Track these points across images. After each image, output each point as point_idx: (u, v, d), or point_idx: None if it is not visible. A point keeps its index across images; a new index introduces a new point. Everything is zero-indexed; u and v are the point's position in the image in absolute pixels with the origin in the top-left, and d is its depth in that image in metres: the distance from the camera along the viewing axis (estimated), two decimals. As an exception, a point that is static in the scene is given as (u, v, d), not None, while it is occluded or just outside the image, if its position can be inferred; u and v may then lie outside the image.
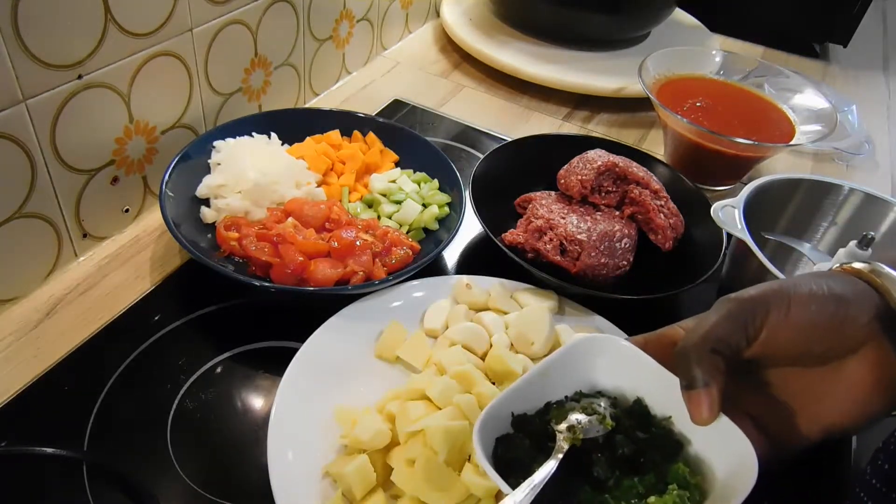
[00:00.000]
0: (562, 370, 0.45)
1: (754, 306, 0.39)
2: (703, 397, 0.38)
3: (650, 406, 0.44)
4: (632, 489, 0.40)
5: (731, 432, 0.39)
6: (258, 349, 0.62)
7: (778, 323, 0.39)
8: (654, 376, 0.42)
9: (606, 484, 0.40)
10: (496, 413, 0.43)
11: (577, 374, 0.45)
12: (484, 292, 0.65)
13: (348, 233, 0.66)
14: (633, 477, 0.40)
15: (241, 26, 0.77)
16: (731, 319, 0.39)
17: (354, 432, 0.50)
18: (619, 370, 0.45)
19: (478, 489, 0.47)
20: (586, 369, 0.45)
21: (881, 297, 0.39)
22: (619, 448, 0.41)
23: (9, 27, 0.53)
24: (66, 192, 0.64)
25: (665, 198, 0.73)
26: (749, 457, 0.38)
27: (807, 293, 0.39)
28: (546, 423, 0.43)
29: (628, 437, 0.42)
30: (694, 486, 0.39)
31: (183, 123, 0.74)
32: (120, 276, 0.67)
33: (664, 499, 0.38)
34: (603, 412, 0.42)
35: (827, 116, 0.84)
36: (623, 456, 0.41)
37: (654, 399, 0.43)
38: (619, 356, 0.44)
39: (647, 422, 0.43)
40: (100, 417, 0.55)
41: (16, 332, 0.61)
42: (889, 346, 0.39)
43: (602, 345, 0.45)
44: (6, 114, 0.55)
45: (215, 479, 0.52)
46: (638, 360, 0.43)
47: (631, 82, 0.99)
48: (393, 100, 0.98)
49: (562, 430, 0.42)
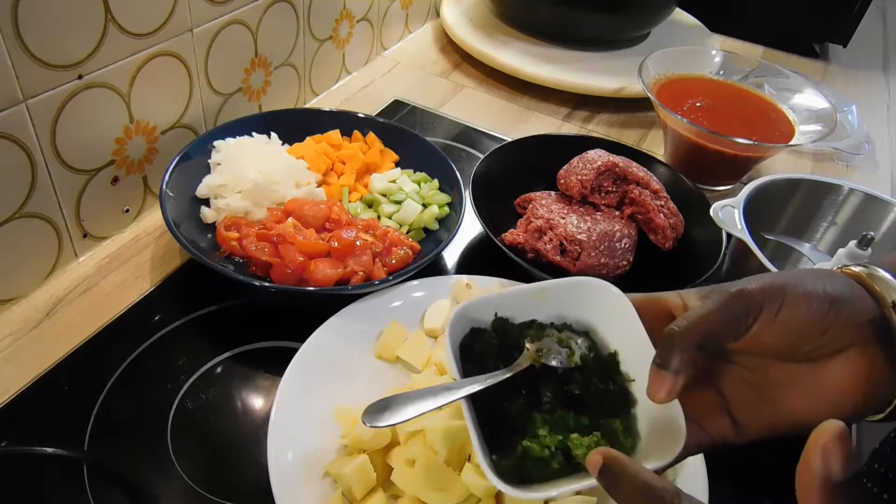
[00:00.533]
0: (559, 298, 0.46)
1: (750, 303, 0.39)
2: (667, 380, 0.39)
3: (622, 363, 0.45)
4: (562, 421, 0.41)
5: (675, 417, 0.40)
6: (258, 349, 0.62)
7: (769, 320, 0.39)
8: (636, 339, 0.43)
9: (541, 405, 0.42)
10: (481, 307, 0.44)
11: (572, 307, 0.46)
12: (484, 292, 0.65)
13: (348, 233, 0.66)
14: (569, 411, 0.42)
15: (241, 26, 0.77)
16: (725, 314, 0.39)
17: (354, 432, 0.50)
18: (610, 320, 0.46)
19: (478, 489, 0.47)
20: (582, 307, 0.46)
21: (875, 302, 0.39)
22: (571, 384, 0.43)
23: (9, 27, 0.53)
24: (67, 192, 0.64)
25: (665, 198, 0.73)
26: (677, 442, 0.39)
27: (802, 293, 0.39)
28: (521, 337, 0.44)
29: (585, 379, 0.43)
30: (621, 445, 0.41)
31: (183, 123, 0.74)
32: (120, 276, 0.67)
33: (583, 439, 0.40)
34: (574, 349, 0.44)
35: (827, 116, 0.85)
36: (570, 393, 0.43)
37: (627, 359, 0.44)
38: (615, 307, 0.45)
39: (610, 375, 0.44)
40: (100, 417, 0.55)
41: (16, 332, 0.61)
42: (876, 352, 0.39)
43: (603, 290, 0.46)
44: (6, 114, 0.55)
45: (215, 479, 0.52)
46: (629, 319, 0.44)
47: (631, 82, 0.99)
48: (393, 100, 0.98)
49: (530, 348, 0.43)
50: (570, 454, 0.39)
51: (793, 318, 0.39)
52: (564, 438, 0.40)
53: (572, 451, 0.39)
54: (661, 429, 0.41)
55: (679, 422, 0.39)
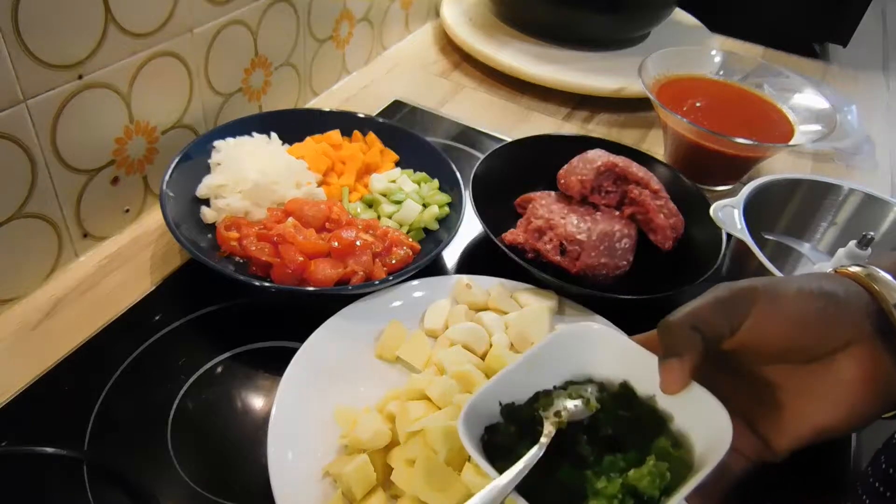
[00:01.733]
0: (549, 360, 0.45)
1: (742, 295, 0.40)
2: (674, 365, 0.40)
3: (635, 388, 0.44)
4: (613, 465, 0.40)
5: (709, 404, 0.40)
6: (258, 349, 0.62)
7: (763, 314, 0.40)
8: (638, 358, 0.43)
9: (587, 461, 0.41)
10: (483, 402, 0.43)
11: (565, 362, 0.46)
12: (484, 292, 0.65)
13: (348, 233, 0.66)
14: (615, 453, 0.41)
15: (241, 26, 0.77)
16: (718, 304, 0.40)
17: (354, 432, 0.50)
18: (605, 356, 0.45)
19: (478, 489, 0.47)
20: (574, 358, 0.46)
21: (874, 301, 0.39)
22: (601, 428, 0.42)
23: (9, 27, 0.53)
24: (67, 192, 0.64)
25: (665, 198, 0.73)
26: (724, 424, 0.39)
27: (796, 289, 0.40)
28: (534, 412, 0.43)
29: (611, 416, 0.43)
30: (676, 458, 0.40)
31: (183, 123, 0.74)
32: (120, 276, 0.67)
33: (641, 470, 0.39)
34: (587, 396, 0.43)
35: (827, 116, 0.84)
36: (606, 435, 0.42)
37: (639, 381, 0.44)
38: (604, 343, 0.45)
39: (631, 402, 0.44)
40: (100, 417, 0.55)
41: (16, 332, 0.61)
42: (881, 347, 0.39)
43: (587, 333, 0.46)
44: (6, 114, 0.55)
45: (215, 479, 0.52)
46: (622, 345, 0.44)
47: (631, 82, 0.99)
48: (393, 100, 0.98)
49: (548, 415, 0.42)
50: (636, 492, 0.39)
51: (789, 311, 0.39)
52: (624, 479, 0.39)
53: (638, 488, 0.38)
54: (706, 426, 0.40)
55: (716, 406, 0.39)
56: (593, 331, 0.45)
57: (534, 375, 0.45)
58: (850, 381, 0.40)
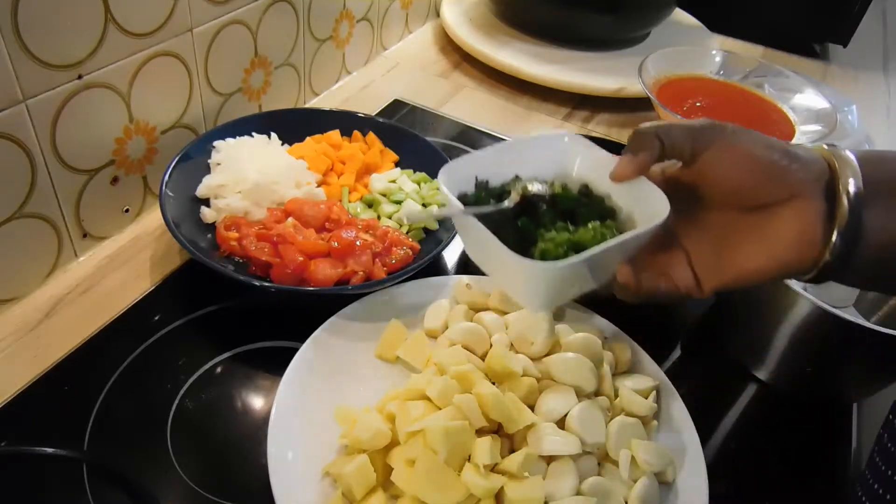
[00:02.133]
0: (524, 155, 0.50)
1: (712, 127, 0.43)
2: (627, 157, 0.45)
3: (595, 188, 0.49)
4: (564, 228, 0.46)
5: (654, 194, 0.45)
6: (258, 349, 0.62)
7: (722, 148, 0.43)
8: (605, 165, 0.47)
9: (543, 221, 0.47)
10: (461, 170, 0.48)
11: (540, 161, 0.50)
12: (484, 292, 0.65)
13: (348, 233, 0.66)
14: (566, 223, 0.47)
15: (241, 26, 0.77)
16: (687, 126, 0.44)
17: (354, 432, 0.50)
18: (577, 162, 0.50)
19: (478, 489, 0.47)
20: (548, 160, 0.50)
21: (830, 174, 0.41)
22: (560, 204, 0.48)
23: (9, 27, 0.53)
24: (66, 192, 0.64)
25: (665, 198, 0.73)
26: (664, 207, 0.43)
27: (762, 139, 0.43)
28: (503, 189, 0.48)
29: (569, 199, 0.48)
30: (619, 227, 0.46)
31: (183, 123, 0.74)
32: (120, 276, 0.67)
33: (587, 230, 0.45)
34: (552, 182, 0.49)
35: (827, 116, 0.84)
36: (562, 210, 0.48)
37: (600, 183, 0.49)
38: (576, 151, 0.50)
39: (589, 195, 0.49)
40: (100, 417, 0.55)
41: (16, 332, 0.61)
42: (819, 209, 0.40)
43: (562, 139, 0.51)
44: (6, 114, 0.55)
45: (215, 479, 0.52)
46: (595, 155, 0.49)
47: (631, 82, 0.99)
48: (393, 100, 0.98)
49: (516, 188, 0.48)
50: (578, 246, 0.43)
51: (745, 153, 0.42)
52: (571, 234, 0.45)
53: (581, 242, 0.44)
54: (650, 212, 0.44)
55: (660, 196, 0.44)
56: (571, 137, 0.50)
57: (508, 165, 0.49)
58: (784, 234, 0.41)
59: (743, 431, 0.62)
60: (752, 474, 0.58)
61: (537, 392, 0.56)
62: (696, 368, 0.67)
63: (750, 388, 0.65)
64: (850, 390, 0.65)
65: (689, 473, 0.53)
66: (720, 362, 0.68)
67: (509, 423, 0.51)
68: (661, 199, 0.44)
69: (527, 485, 0.48)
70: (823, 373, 0.61)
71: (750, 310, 0.64)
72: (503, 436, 0.52)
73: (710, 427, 0.61)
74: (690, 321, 0.73)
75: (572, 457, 0.51)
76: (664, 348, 0.67)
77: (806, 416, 0.63)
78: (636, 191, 0.46)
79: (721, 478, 0.57)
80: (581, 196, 0.49)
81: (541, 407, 0.54)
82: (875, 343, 0.55)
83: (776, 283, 0.58)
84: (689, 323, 0.72)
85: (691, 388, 0.61)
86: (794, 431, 0.62)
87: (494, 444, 0.50)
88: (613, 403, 0.57)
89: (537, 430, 0.52)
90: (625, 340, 0.62)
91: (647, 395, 0.57)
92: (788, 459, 0.60)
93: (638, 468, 0.52)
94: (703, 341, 0.70)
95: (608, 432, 0.53)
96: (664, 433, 0.56)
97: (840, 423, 0.63)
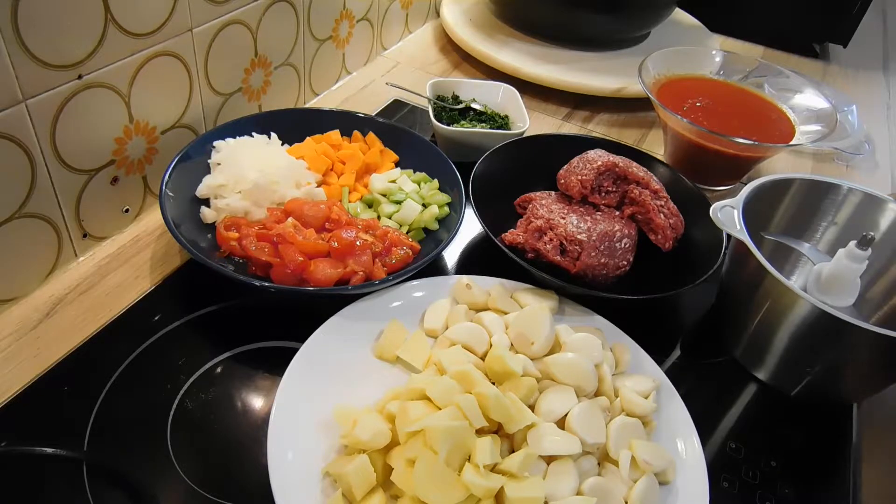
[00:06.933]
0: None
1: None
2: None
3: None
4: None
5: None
6: (258, 349, 0.62)
7: None
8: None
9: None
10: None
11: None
12: (484, 292, 0.65)
13: (348, 233, 0.66)
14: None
15: (241, 26, 0.77)
16: None
17: (354, 432, 0.50)
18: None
19: (478, 489, 0.47)
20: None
21: None
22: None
23: (9, 27, 0.53)
24: (66, 192, 0.64)
25: (665, 198, 0.73)
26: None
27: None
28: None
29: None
30: None
31: (183, 123, 0.74)
32: (120, 276, 0.67)
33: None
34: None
35: (827, 116, 0.84)
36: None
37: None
38: None
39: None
40: (100, 417, 0.55)
41: (16, 332, 0.61)
42: None
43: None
44: (6, 114, 0.55)
45: (215, 479, 0.52)
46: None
47: (631, 82, 0.99)
48: (393, 100, 0.98)
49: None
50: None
51: None
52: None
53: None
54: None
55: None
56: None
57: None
58: None
59: (743, 431, 0.62)
60: (752, 474, 0.58)
61: (537, 392, 0.56)
62: (696, 368, 0.67)
63: (750, 388, 0.65)
64: (850, 390, 0.65)
65: (689, 473, 0.53)
66: (720, 362, 0.68)
67: (509, 423, 0.51)
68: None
69: (527, 485, 0.48)
70: (823, 373, 0.61)
71: (750, 310, 0.64)
72: (503, 436, 0.52)
73: (710, 427, 0.61)
74: (690, 321, 0.73)
75: (572, 457, 0.51)
76: (664, 348, 0.67)
77: (806, 416, 0.63)
78: None
79: (721, 478, 0.57)
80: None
81: (541, 407, 0.54)
82: (875, 343, 0.55)
83: (776, 283, 0.58)
84: (689, 323, 0.72)
85: (691, 388, 0.61)
86: (794, 431, 0.62)
87: (494, 444, 0.50)
88: (613, 403, 0.57)
89: (537, 430, 0.52)
90: (625, 340, 0.62)
91: (647, 395, 0.57)
92: (788, 459, 0.60)
93: (638, 468, 0.52)
94: (703, 341, 0.70)
95: (608, 432, 0.53)
96: (664, 433, 0.57)
97: (840, 423, 0.63)
